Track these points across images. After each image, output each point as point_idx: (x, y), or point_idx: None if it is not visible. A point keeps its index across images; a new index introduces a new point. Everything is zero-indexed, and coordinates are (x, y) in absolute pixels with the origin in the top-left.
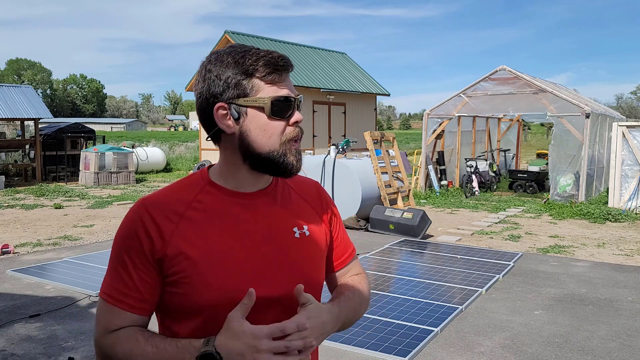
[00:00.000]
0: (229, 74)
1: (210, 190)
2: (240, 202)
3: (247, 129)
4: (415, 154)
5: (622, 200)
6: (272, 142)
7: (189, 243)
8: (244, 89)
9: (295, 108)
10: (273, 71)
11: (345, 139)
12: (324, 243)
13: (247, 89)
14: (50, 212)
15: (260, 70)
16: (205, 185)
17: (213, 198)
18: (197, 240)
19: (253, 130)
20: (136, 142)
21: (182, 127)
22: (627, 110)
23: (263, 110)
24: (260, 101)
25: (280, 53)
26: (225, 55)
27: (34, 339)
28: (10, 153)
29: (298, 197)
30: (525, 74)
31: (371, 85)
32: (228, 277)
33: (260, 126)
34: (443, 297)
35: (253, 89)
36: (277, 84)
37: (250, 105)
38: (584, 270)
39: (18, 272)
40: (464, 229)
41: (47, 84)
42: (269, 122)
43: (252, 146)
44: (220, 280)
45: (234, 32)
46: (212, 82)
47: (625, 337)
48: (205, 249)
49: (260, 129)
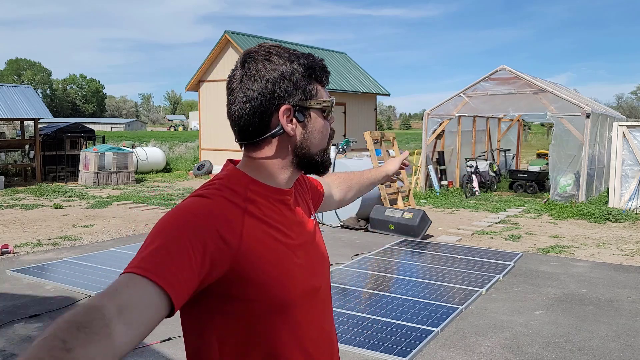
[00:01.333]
0: (297, 76)
1: (256, 190)
2: (281, 199)
3: (311, 130)
4: (415, 154)
5: (622, 200)
6: (324, 142)
7: (259, 257)
8: (310, 92)
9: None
10: (326, 75)
11: (345, 139)
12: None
13: (313, 92)
14: (50, 212)
15: (318, 75)
16: (249, 184)
17: (261, 200)
18: (264, 252)
19: (315, 131)
20: (136, 142)
21: (182, 127)
22: (628, 110)
23: (323, 112)
24: (324, 104)
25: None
26: (279, 56)
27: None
28: (10, 153)
29: (300, 187)
30: (525, 74)
31: (371, 85)
32: (289, 281)
33: (320, 128)
34: (443, 297)
35: (316, 92)
36: (324, 87)
37: (315, 107)
38: (584, 270)
39: (18, 272)
40: (464, 229)
41: (47, 84)
42: (324, 123)
43: (311, 147)
44: (288, 283)
45: (234, 32)
46: (275, 83)
47: (626, 337)
48: (270, 258)
49: (319, 130)
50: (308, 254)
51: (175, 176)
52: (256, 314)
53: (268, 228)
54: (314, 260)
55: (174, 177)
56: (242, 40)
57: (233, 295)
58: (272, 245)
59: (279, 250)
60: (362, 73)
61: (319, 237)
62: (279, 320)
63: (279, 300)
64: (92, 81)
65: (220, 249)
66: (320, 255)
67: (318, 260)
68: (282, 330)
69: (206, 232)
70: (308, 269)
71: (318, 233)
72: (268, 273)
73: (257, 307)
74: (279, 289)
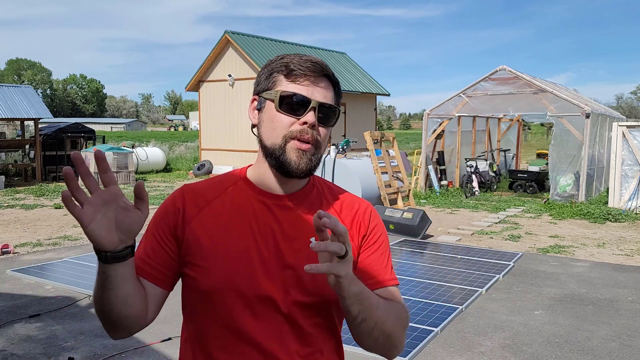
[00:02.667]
0: (264, 71)
1: (242, 185)
2: (264, 202)
3: (262, 120)
4: (415, 154)
5: (622, 200)
6: (276, 136)
7: (205, 231)
8: (267, 83)
9: (313, 111)
10: (295, 69)
11: (345, 139)
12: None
13: (270, 83)
14: (50, 212)
15: (283, 68)
16: (239, 180)
17: (240, 193)
18: (213, 231)
19: (265, 121)
20: (136, 142)
21: (182, 127)
22: (627, 110)
23: (273, 102)
24: (273, 94)
25: (317, 59)
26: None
27: (34, 339)
28: (10, 153)
29: (330, 209)
30: (525, 74)
31: (371, 85)
32: (230, 270)
33: (269, 117)
34: (443, 297)
35: (275, 83)
36: (299, 83)
37: (267, 97)
38: (584, 270)
39: (18, 272)
40: (464, 229)
41: (47, 84)
42: (276, 114)
43: (262, 137)
44: (222, 271)
45: (234, 32)
46: (255, 82)
47: (626, 337)
48: (217, 240)
49: (269, 120)
50: (273, 260)
51: (176, 176)
52: (191, 285)
53: (224, 221)
54: (285, 276)
55: (174, 177)
56: (242, 40)
57: (186, 262)
58: (219, 235)
59: (226, 244)
60: (362, 73)
61: (315, 260)
62: (201, 301)
63: (203, 284)
64: (92, 81)
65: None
66: (296, 272)
67: (290, 275)
68: (203, 313)
69: (165, 213)
70: (265, 278)
71: (313, 259)
72: (204, 255)
73: (191, 282)
74: (206, 272)
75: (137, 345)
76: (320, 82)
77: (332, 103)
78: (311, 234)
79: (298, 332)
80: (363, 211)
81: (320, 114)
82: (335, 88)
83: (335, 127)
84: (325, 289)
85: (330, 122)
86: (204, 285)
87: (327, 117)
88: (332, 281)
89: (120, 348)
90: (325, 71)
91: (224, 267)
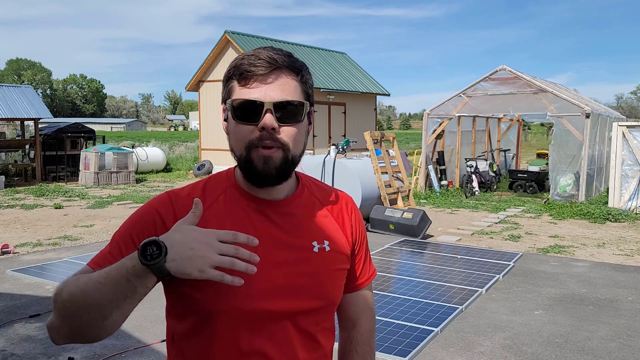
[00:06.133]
0: (224, 75)
1: (233, 192)
2: (261, 210)
3: (229, 131)
4: (415, 154)
5: (622, 200)
6: (239, 147)
7: None
8: (225, 91)
9: (270, 112)
10: (244, 72)
11: (345, 139)
12: (345, 261)
13: (226, 91)
14: (50, 212)
15: (236, 72)
16: (229, 187)
17: (234, 202)
18: None
19: (230, 132)
20: (136, 142)
21: (182, 127)
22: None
23: (233, 112)
24: (229, 104)
25: (271, 52)
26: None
27: (34, 339)
28: (10, 153)
29: (323, 210)
30: (525, 74)
31: (371, 85)
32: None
33: (232, 128)
34: (443, 297)
35: (230, 91)
36: (249, 86)
37: (227, 107)
38: (584, 270)
39: (18, 272)
40: (464, 229)
41: (47, 84)
42: (237, 125)
43: (232, 149)
44: (229, 287)
45: (234, 32)
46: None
47: (626, 337)
48: None
49: (233, 132)
50: (274, 271)
51: (176, 176)
52: (189, 305)
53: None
54: (292, 284)
55: (174, 177)
56: (242, 40)
57: (183, 280)
58: None
59: None
60: (362, 73)
61: (316, 264)
62: (205, 320)
63: (209, 303)
64: (93, 81)
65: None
66: (300, 280)
67: (294, 284)
68: (207, 332)
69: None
70: (272, 289)
71: (317, 260)
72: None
73: (190, 301)
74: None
75: (137, 345)
76: (276, 77)
77: (292, 97)
78: (312, 237)
79: (306, 340)
80: (350, 206)
81: (278, 113)
82: (300, 76)
83: (335, 127)
84: (330, 292)
85: (297, 118)
86: (210, 304)
87: (290, 113)
88: None
89: (120, 348)
90: (278, 64)
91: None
